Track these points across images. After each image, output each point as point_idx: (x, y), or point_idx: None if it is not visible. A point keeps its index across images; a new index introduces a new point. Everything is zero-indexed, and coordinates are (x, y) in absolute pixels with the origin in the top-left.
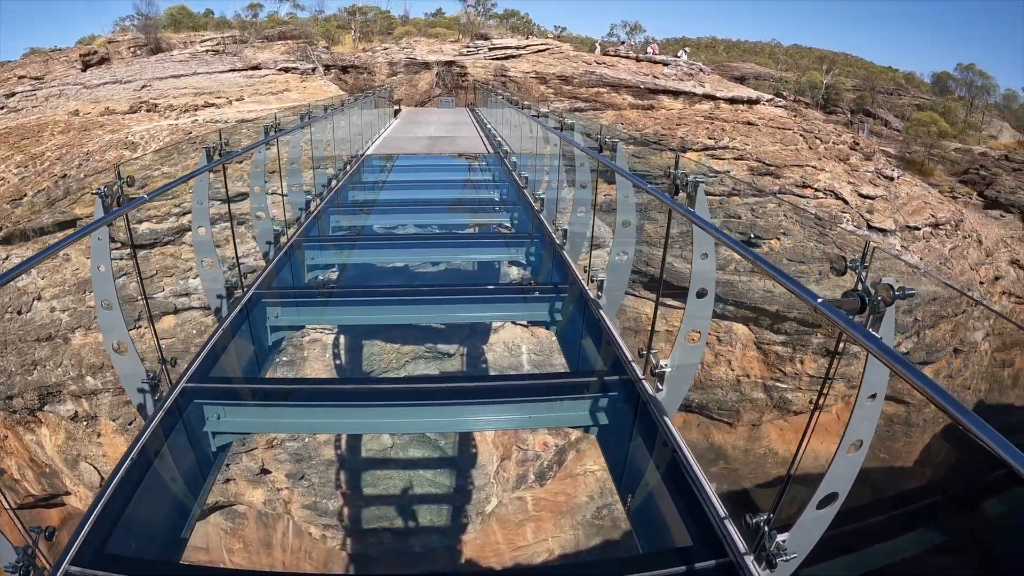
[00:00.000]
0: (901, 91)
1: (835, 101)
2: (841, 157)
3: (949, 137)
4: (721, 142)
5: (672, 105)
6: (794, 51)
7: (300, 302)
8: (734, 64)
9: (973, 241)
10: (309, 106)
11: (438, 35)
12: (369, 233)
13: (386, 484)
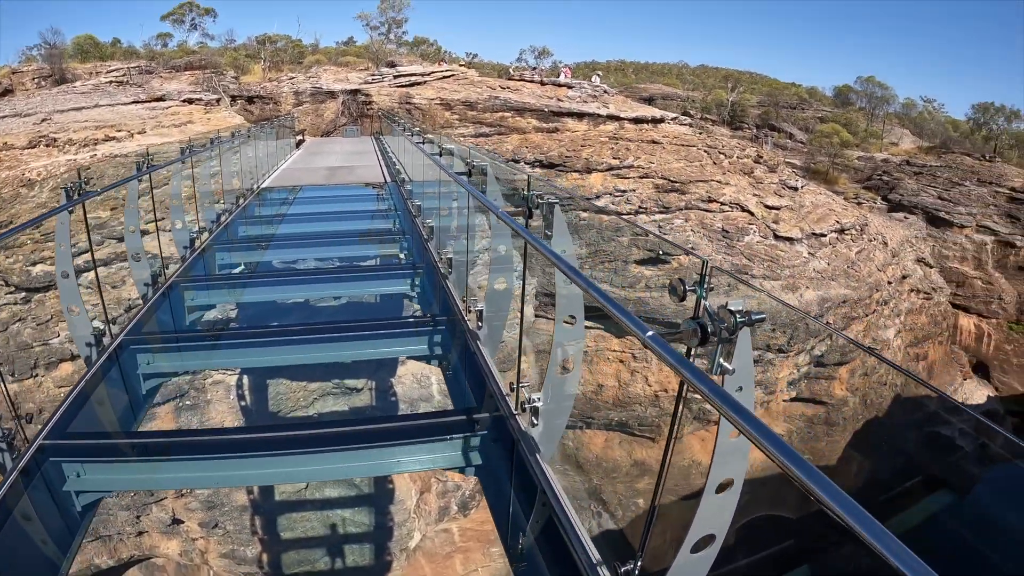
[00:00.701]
0: (804, 105)
1: (741, 117)
2: (746, 171)
3: (852, 146)
4: (626, 161)
5: (577, 127)
6: (701, 71)
7: (178, 346)
8: (642, 86)
9: (879, 243)
10: (190, 140)
11: (348, 63)
12: (258, 269)
13: (304, 527)
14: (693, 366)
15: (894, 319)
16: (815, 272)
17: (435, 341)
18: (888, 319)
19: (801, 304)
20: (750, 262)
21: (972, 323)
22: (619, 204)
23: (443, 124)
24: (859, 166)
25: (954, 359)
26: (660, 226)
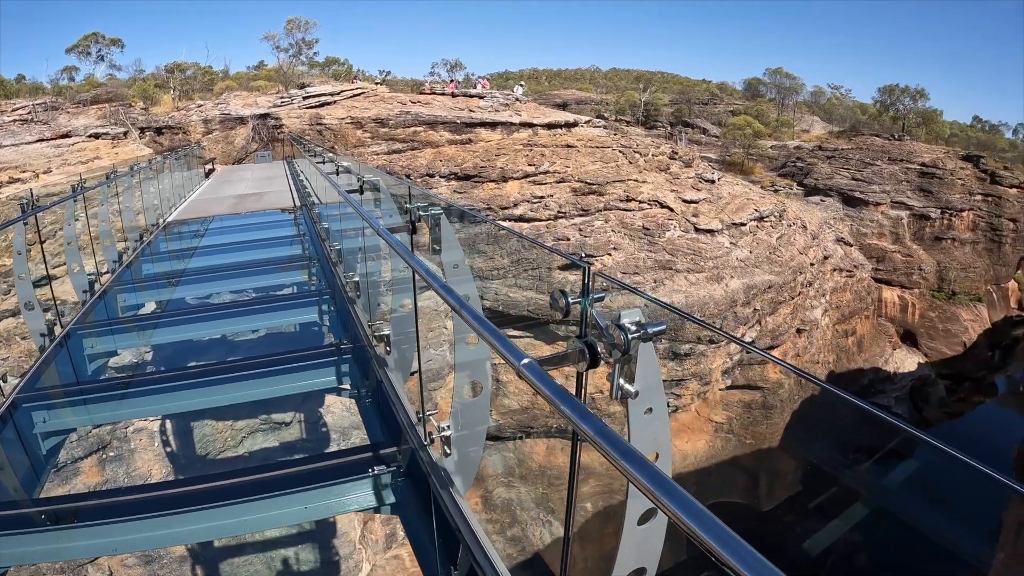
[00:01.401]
0: (716, 100)
1: (654, 116)
2: (662, 168)
3: (765, 136)
4: (542, 167)
5: (490, 137)
6: (613, 74)
7: (82, 399)
8: (556, 92)
9: (798, 227)
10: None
11: (259, 88)
12: (168, 307)
13: (247, 570)
14: (573, 400)
15: (820, 299)
16: (738, 261)
17: (343, 371)
18: (814, 299)
19: (727, 293)
20: (673, 257)
21: (895, 295)
22: (537, 210)
23: (355, 143)
24: (773, 155)
25: (882, 331)
26: (580, 229)
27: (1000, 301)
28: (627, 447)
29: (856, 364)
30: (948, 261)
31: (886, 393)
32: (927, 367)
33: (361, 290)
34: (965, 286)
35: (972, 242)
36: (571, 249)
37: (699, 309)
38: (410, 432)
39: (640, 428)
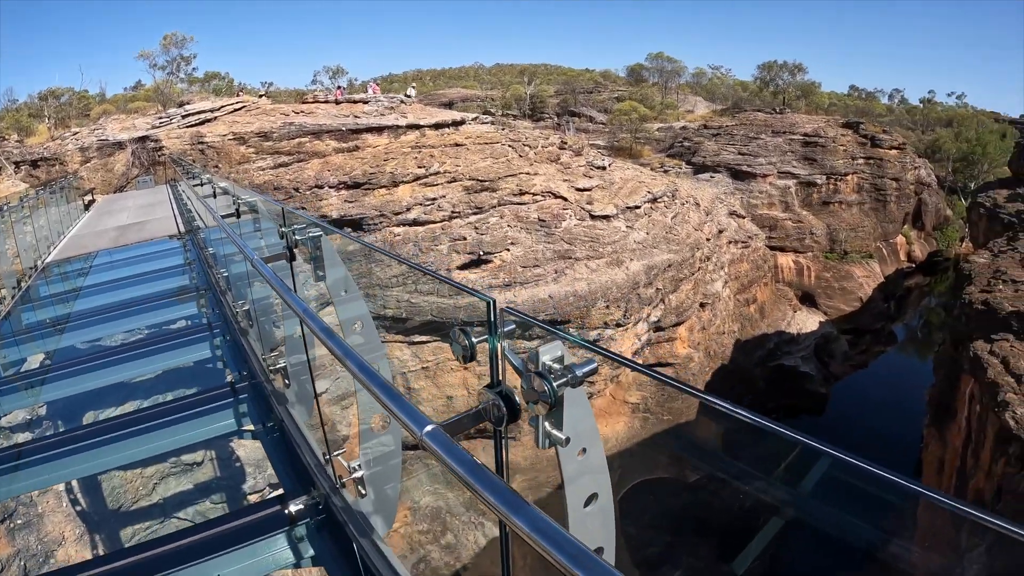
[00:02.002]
0: (600, 88)
1: (541, 109)
2: (552, 158)
3: (651, 119)
4: (432, 168)
5: (378, 142)
6: (497, 70)
7: None
8: (441, 92)
9: (691, 205)
10: None
11: (139, 109)
12: (52, 360)
13: None
14: (494, 481)
15: (719, 272)
16: (636, 244)
17: (243, 412)
18: (713, 273)
19: (628, 276)
20: (572, 246)
21: (790, 260)
22: (431, 212)
23: (240, 160)
24: (660, 137)
25: (781, 296)
26: (476, 227)
27: (890, 256)
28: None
29: (760, 330)
30: (837, 223)
31: (792, 354)
32: (828, 325)
33: (252, 319)
34: (856, 245)
35: (859, 203)
36: (468, 248)
37: (602, 294)
38: (319, 475)
39: (575, 472)
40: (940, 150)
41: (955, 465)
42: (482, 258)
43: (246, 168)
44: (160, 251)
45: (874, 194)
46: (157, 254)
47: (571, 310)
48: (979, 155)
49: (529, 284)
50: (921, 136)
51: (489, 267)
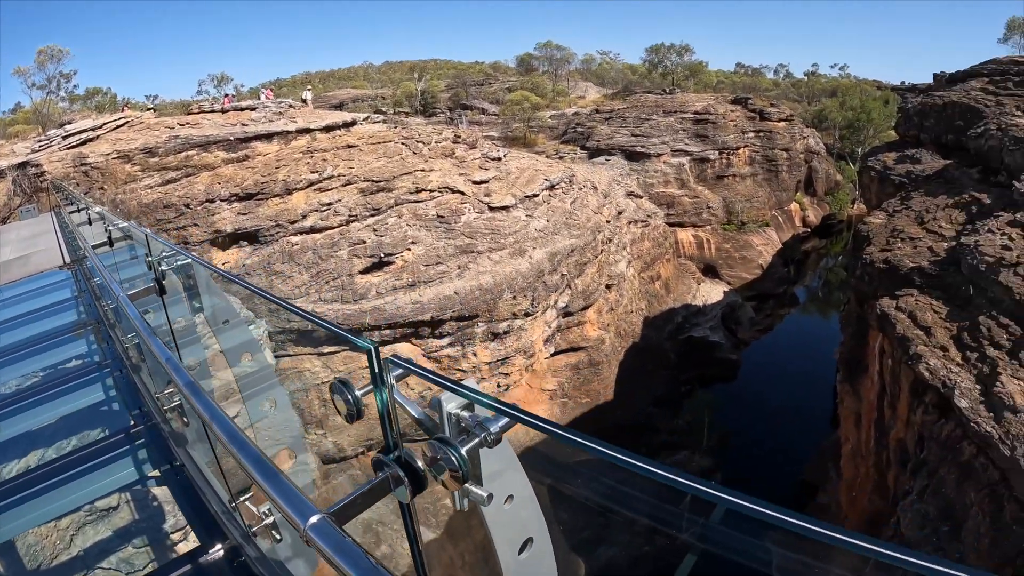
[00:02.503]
0: (491, 80)
1: (433, 104)
2: (447, 153)
3: (543, 108)
4: (325, 173)
5: (268, 149)
6: (387, 68)
7: None
8: (331, 93)
9: (589, 189)
10: None
11: (18, 133)
12: None
13: None
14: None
15: (622, 252)
16: (537, 232)
17: (142, 458)
18: (616, 254)
19: (532, 265)
20: (473, 240)
21: (690, 235)
22: (328, 218)
23: (125, 179)
24: (553, 124)
25: (685, 270)
26: (375, 230)
27: (786, 223)
28: None
29: (667, 305)
30: (733, 196)
31: (700, 325)
32: (732, 294)
33: (144, 353)
34: (752, 215)
35: (752, 175)
36: (369, 251)
37: (508, 285)
38: (228, 523)
39: (503, 524)
40: (827, 119)
41: (872, 417)
42: (383, 260)
43: (133, 187)
44: (48, 285)
45: (766, 165)
46: (45, 288)
47: (478, 304)
48: (864, 121)
49: (433, 282)
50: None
51: (392, 269)
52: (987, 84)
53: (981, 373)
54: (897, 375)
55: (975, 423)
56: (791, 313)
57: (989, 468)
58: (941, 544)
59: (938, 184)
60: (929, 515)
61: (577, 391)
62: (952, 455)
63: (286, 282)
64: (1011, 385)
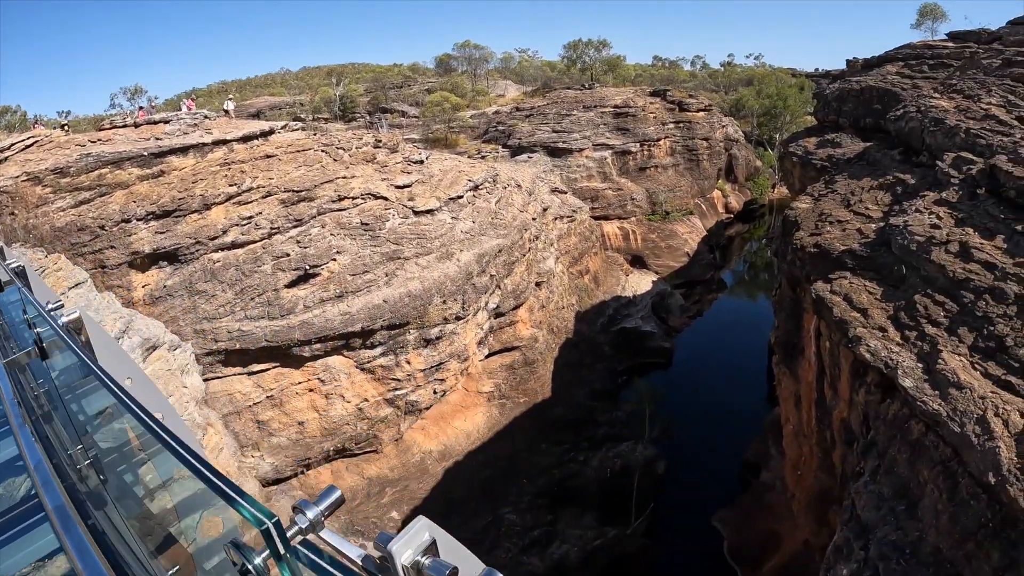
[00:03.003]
0: (410, 82)
1: (352, 109)
2: (368, 159)
3: (463, 108)
4: (244, 185)
5: (184, 163)
6: (304, 73)
7: None
8: (248, 102)
9: (513, 188)
10: None
11: None
12: None
13: None
14: None
15: (549, 249)
16: (464, 234)
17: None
18: (544, 251)
19: (461, 268)
20: (399, 246)
21: (615, 227)
22: (249, 232)
23: (36, 203)
24: (474, 124)
25: (612, 262)
26: (299, 241)
27: (709, 210)
28: None
29: (598, 298)
30: (656, 187)
31: (632, 316)
32: (661, 283)
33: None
34: (676, 204)
35: (673, 165)
36: (293, 264)
37: (437, 290)
38: None
39: None
40: (744, 107)
41: (812, 398)
42: (309, 272)
43: (45, 211)
44: None
45: (687, 155)
46: None
47: (408, 312)
48: (781, 108)
49: (362, 292)
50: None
51: (318, 281)
52: (903, 68)
53: (922, 351)
54: (836, 357)
55: (922, 402)
56: (719, 298)
57: (940, 445)
58: (899, 524)
59: (861, 167)
60: (884, 495)
61: (515, 391)
62: (901, 434)
63: (210, 301)
64: (953, 362)
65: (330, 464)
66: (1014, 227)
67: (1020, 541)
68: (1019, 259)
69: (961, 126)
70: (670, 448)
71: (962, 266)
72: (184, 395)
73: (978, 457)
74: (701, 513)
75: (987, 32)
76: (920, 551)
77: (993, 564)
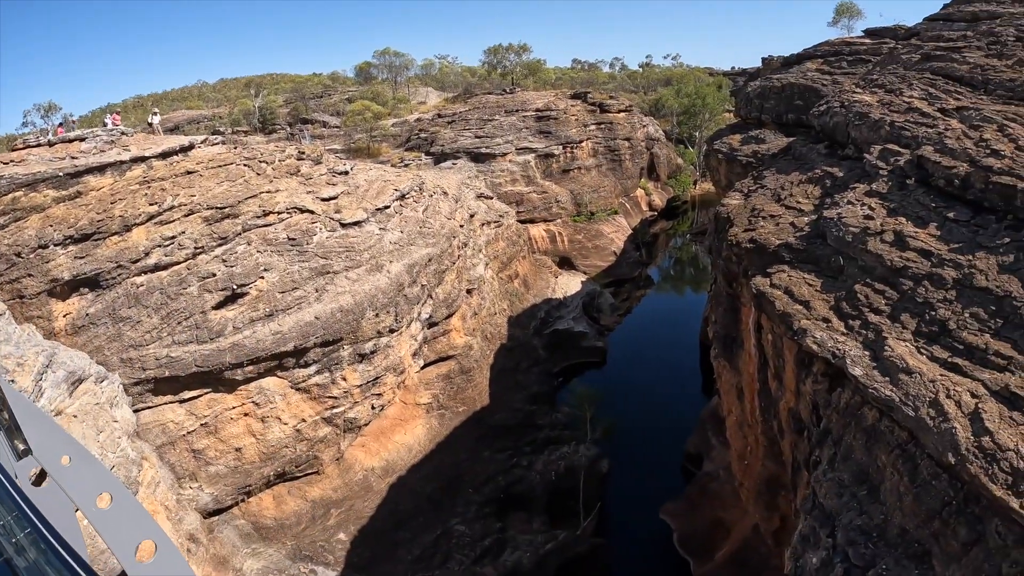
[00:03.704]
0: (330, 91)
1: (272, 120)
2: (292, 171)
3: (385, 116)
4: (165, 204)
5: (102, 183)
6: (222, 85)
7: None
8: (165, 116)
9: (439, 195)
10: None
11: None
12: None
13: None
14: None
15: (478, 255)
16: (392, 245)
17: None
18: (473, 258)
19: (392, 279)
20: (328, 260)
21: (542, 230)
22: (173, 253)
23: None
24: (396, 132)
25: (541, 265)
26: (225, 260)
27: (633, 209)
28: None
29: (529, 302)
30: (580, 188)
31: (564, 317)
32: (590, 283)
33: None
34: (600, 204)
35: (596, 166)
36: (220, 284)
37: (369, 303)
38: None
39: None
40: (664, 107)
41: (755, 389)
42: (237, 292)
43: None
44: None
45: (609, 155)
46: None
47: (341, 327)
48: (700, 106)
49: (292, 309)
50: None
51: (247, 300)
52: (822, 65)
53: (867, 339)
54: (780, 349)
55: (873, 389)
56: (647, 294)
57: (895, 430)
58: (863, 508)
59: (788, 162)
60: (844, 482)
61: (453, 400)
62: (855, 421)
63: (135, 328)
64: (899, 348)
65: (271, 489)
66: (946, 215)
67: (984, 516)
68: (953, 245)
69: (886, 119)
70: (612, 446)
71: (899, 255)
72: (115, 430)
73: (935, 439)
74: (648, 508)
75: (903, 28)
76: (887, 533)
77: (961, 539)
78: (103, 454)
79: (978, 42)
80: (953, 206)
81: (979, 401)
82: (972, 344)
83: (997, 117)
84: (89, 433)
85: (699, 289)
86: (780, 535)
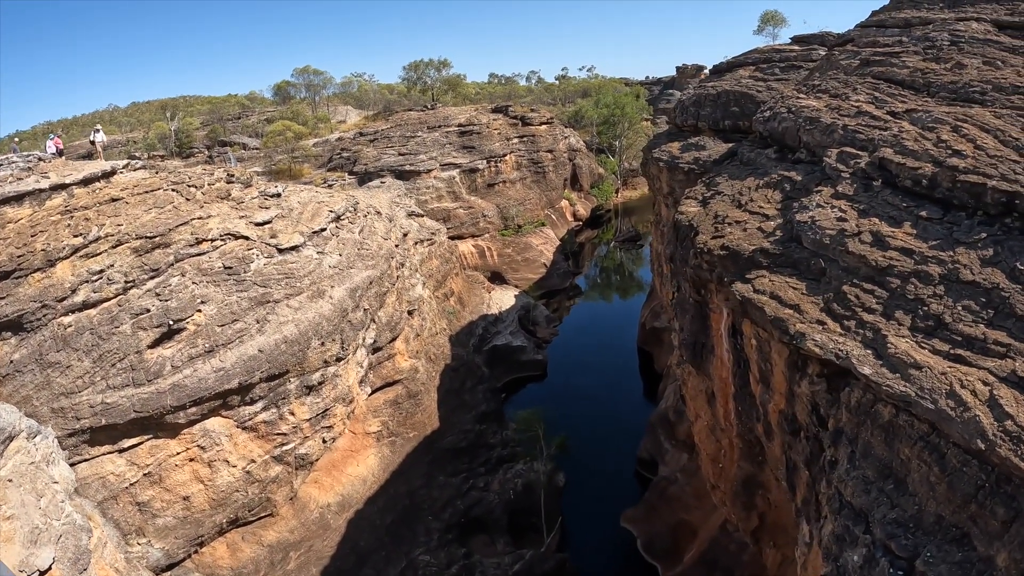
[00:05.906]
0: (248, 112)
1: (189, 144)
2: (223, 195)
3: (305, 136)
4: (90, 235)
5: (20, 213)
6: (134, 109)
7: None
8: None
9: (374, 215)
10: None
11: None
12: None
13: None
14: None
15: (415, 275)
16: (332, 269)
17: None
18: (411, 278)
19: (335, 305)
20: (267, 288)
21: (470, 246)
22: (102, 289)
23: None
24: (318, 152)
25: (474, 281)
26: (158, 294)
27: (559, 219)
28: None
29: (466, 319)
30: (505, 201)
31: (501, 332)
32: (523, 296)
33: None
34: (527, 217)
35: (521, 179)
36: (155, 320)
37: (314, 332)
38: None
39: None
40: (583, 118)
41: (729, 393)
42: (173, 328)
43: None
44: None
45: (533, 168)
46: None
47: (287, 359)
48: (619, 116)
49: (234, 343)
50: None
51: (184, 336)
52: (755, 72)
53: (866, 338)
54: (767, 353)
55: (887, 386)
56: (577, 303)
57: (915, 423)
58: (895, 502)
59: (738, 167)
60: (869, 478)
61: (402, 426)
62: (871, 419)
63: (65, 373)
64: (902, 344)
65: (225, 537)
66: (918, 214)
67: (1017, 493)
68: (932, 242)
69: (838, 123)
70: (565, 459)
71: (881, 254)
72: (56, 492)
73: (960, 428)
74: (608, 517)
75: (832, 35)
76: (923, 522)
77: (1000, 518)
78: (47, 523)
79: (915, 47)
80: (923, 205)
81: (992, 388)
82: (970, 335)
83: (948, 119)
84: (28, 499)
85: (627, 295)
86: (759, 533)
